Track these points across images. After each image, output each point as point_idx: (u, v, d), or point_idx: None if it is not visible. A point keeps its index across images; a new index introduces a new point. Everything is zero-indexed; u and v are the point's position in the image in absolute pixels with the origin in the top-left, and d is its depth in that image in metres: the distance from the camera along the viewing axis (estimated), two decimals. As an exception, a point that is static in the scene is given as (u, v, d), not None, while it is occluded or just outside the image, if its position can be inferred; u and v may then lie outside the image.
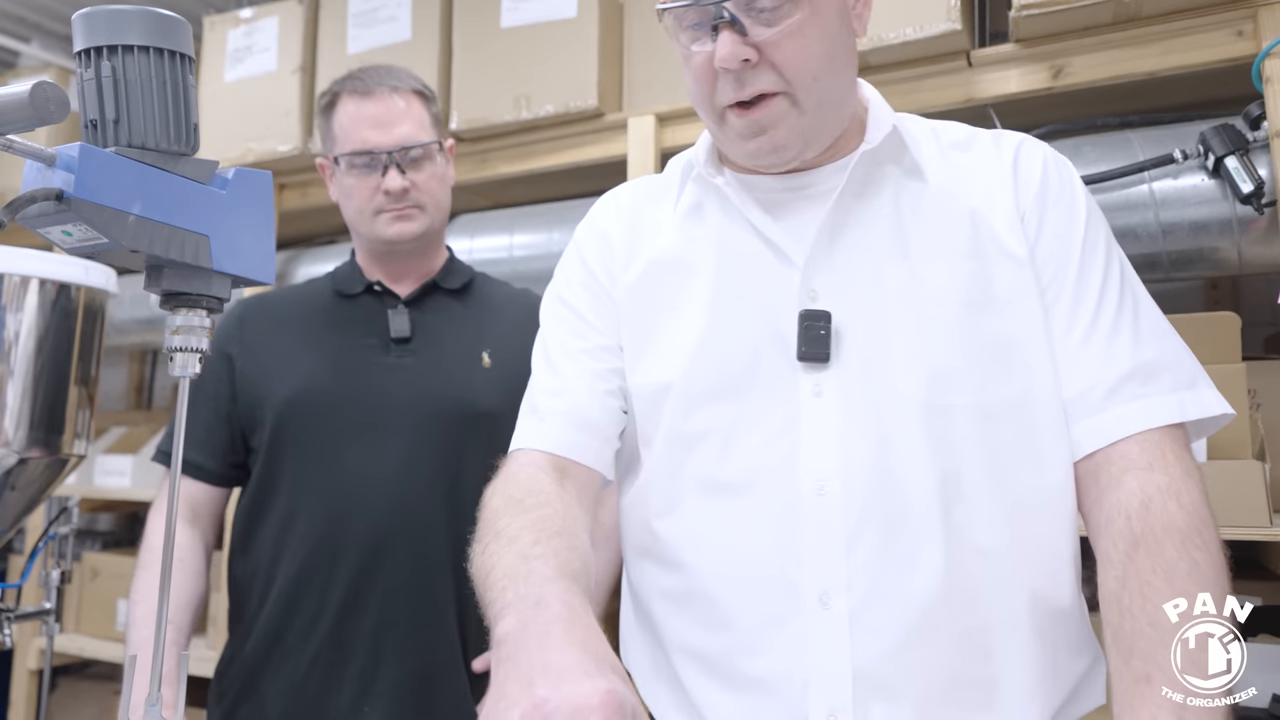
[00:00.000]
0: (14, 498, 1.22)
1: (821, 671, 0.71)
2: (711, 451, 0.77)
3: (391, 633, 1.11)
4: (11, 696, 2.39)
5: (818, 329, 0.74)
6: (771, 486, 0.75)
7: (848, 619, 0.71)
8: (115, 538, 2.80)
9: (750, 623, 0.74)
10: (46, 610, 1.22)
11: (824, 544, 0.72)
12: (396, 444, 1.15)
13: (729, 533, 0.76)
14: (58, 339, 1.24)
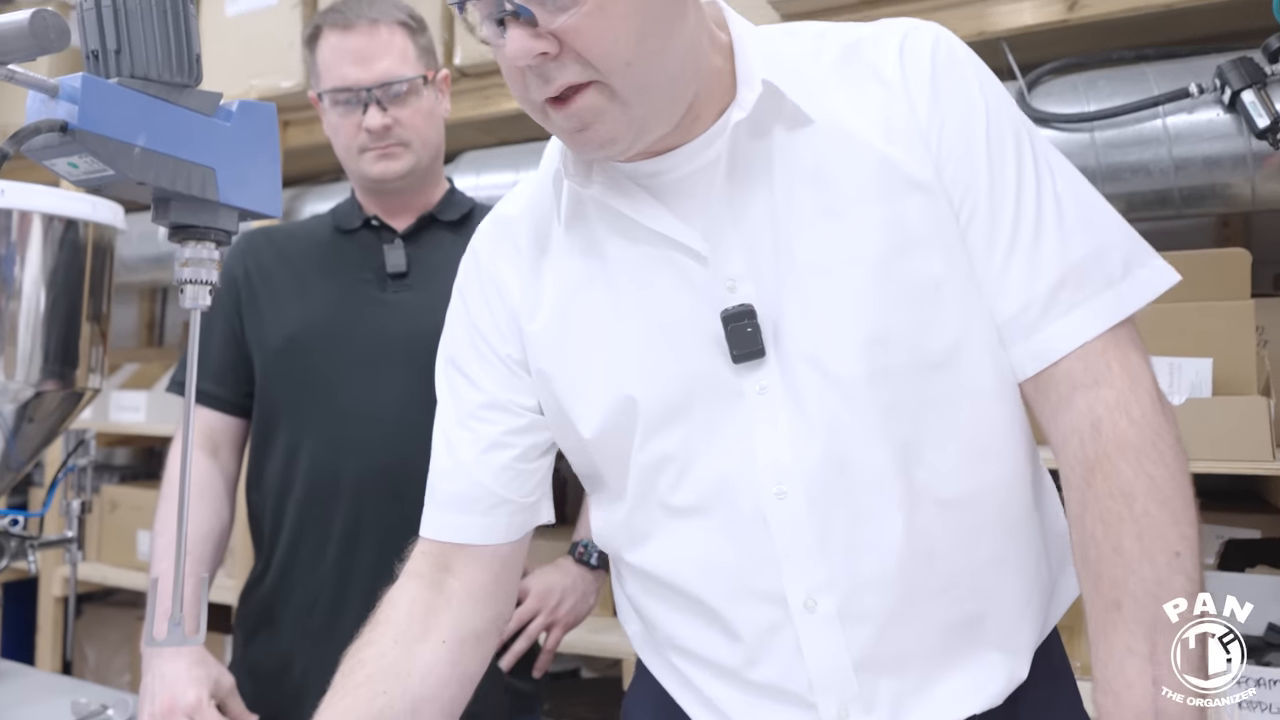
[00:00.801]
0: (32, 430, 1.25)
1: (823, 671, 0.71)
2: (670, 478, 0.74)
3: (393, 564, 1.14)
4: (39, 622, 2.47)
5: (744, 327, 0.69)
6: (733, 500, 0.72)
7: (837, 616, 0.70)
8: (132, 471, 2.86)
9: (747, 634, 0.73)
10: (69, 539, 1.25)
11: (796, 548, 0.70)
12: (393, 379, 1.16)
13: (703, 554, 0.74)
14: (68, 275, 1.25)
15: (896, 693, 0.71)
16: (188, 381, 0.77)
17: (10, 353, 1.20)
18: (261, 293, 1.20)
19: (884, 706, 0.71)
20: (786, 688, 0.72)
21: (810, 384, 0.70)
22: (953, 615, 0.71)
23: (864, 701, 0.71)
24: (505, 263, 0.81)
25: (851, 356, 0.69)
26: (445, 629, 0.77)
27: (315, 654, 1.12)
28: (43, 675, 1.28)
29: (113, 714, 1.06)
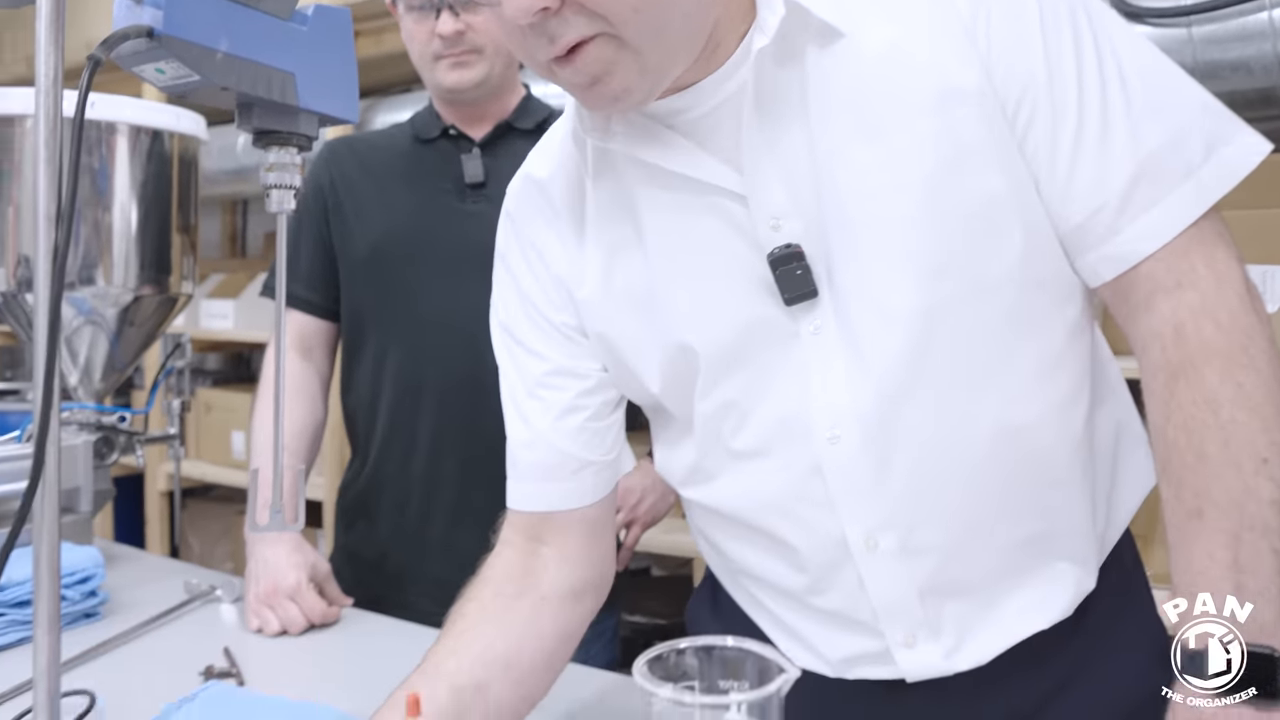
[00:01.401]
0: (132, 333, 1.33)
1: (887, 603, 0.71)
2: (733, 423, 0.73)
3: (478, 466, 1.19)
4: (147, 515, 2.66)
5: (793, 270, 0.66)
6: (789, 445, 0.71)
7: (898, 551, 0.69)
8: (224, 375, 3.00)
9: (810, 566, 0.73)
10: (172, 435, 1.34)
11: (852, 492, 0.69)
12: (472, 289, 1.18)
13: (765, 494, 0.73)
14: (157, 185, 1.30)
15: (963, 615, 0.71)
16: (278, 285, 0.81)
17: (108, 260, 1.26)
18: (346, 201, 1.23)
19: (950, 630, 0.71)
20: (852, 616, 0.72)
21: (866, 321, 0.67)
22: (1017, 537, 0.70)
23: (930, 627, 0.71)
24: (544, 227, 0.78)
25: (907, 289, 0.65)
26: (544, 587, 0.78)
27: (409, 546, 1.19)
28: (155, 558, 1.39)
29: (220, 593, 1.14)
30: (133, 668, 0.95)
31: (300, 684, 0.86)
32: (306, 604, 1.05)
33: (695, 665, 0.56)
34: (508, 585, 0.77)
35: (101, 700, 0.84)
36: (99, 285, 1.25)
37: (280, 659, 0.98)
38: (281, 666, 0.96)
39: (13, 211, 1.25)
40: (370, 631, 1.06)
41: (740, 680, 0.55)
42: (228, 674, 0.90)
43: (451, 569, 1.16)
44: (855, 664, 0.74)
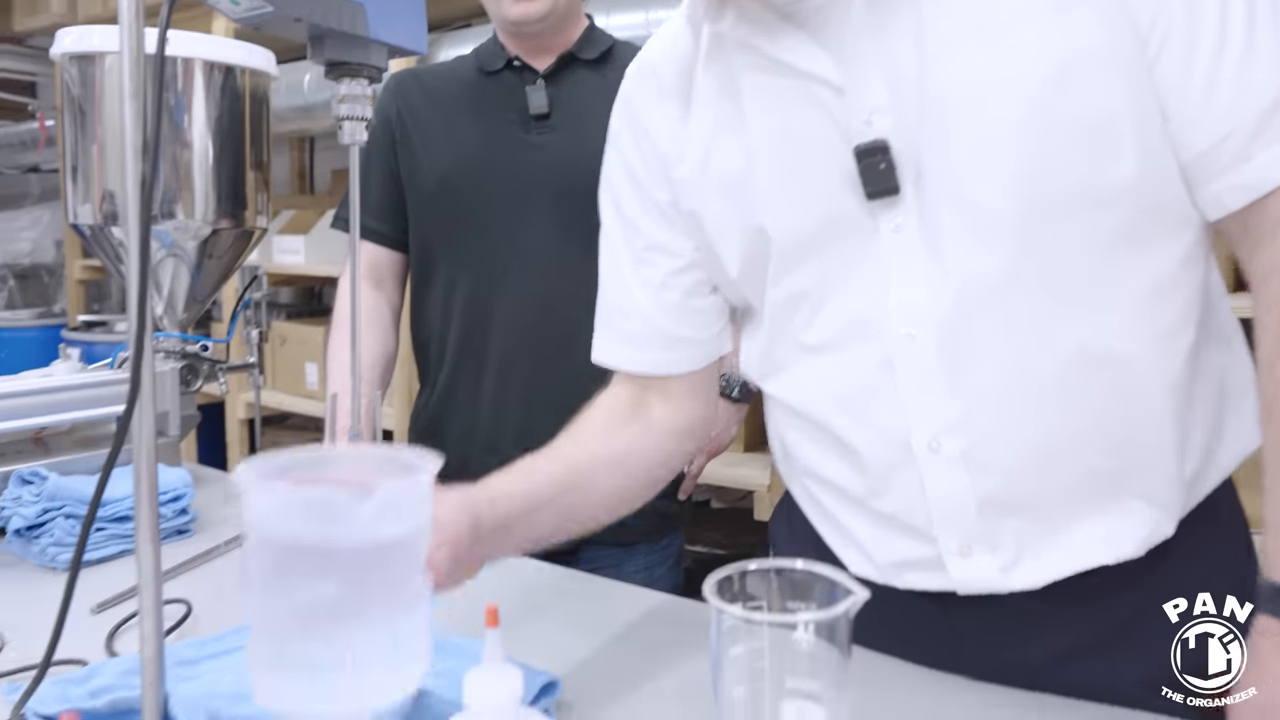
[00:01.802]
0: (212, 265, 1.37)
1: (944, 509, 0.71)
2: (804, 315, 0.74)
3: (544, 393, 1.21)
4: (227, 441, 2.78)
5: (877, 164, 0.66)
6: (862, 340, 0.71)
7: (962, 458, 0.69)
8: (296, 309, 3.09)
9: (872, 467, 0.73)
10: (251, 363, 1.39)
11: (922, 392, 0.69)
12: (539, 219, 1.20)
13: (833, 389, 0.74)
14: (231, 121, 1.33)
15: (1023, 534, 0.70)
16: (351, 216, 0.83)
17: (188, 195, 1.30)
18: (413, 132, 1.24)
19: (1009, 547, 0.70)
20: (908, 521, 0.73)
21: (951, 223, 0.66)
22: (1090, 467, 0.68)
23: (987, 541, 0.70)
24: (653, 108, 0.81)
25: (1001, 195, 0.64)
26: (651, 419, 0.83)
27: (477, 471, 1.22)
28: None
29: (300, 514, 1.20)
30: (222, 582, 1.00)
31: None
32: None
33: (764, 587, 0.57)
34: (618, 411, 0.84)
35: (196, 608, 0.90)
36: (179, 219, 1.29)
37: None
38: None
39: (97, 149, 1.29)
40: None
41: (808, 602, 0.56)
42: (311, 588, 0.94)
43: None
44: (905, 570, 0.75)
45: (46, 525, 1.02)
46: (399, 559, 0.53)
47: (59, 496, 1.03)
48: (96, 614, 0.89)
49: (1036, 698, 0.72)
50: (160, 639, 0.62)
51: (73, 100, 1.29)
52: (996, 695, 0.73)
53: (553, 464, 0.79)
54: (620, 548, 1.25)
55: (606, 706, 0.73)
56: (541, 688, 0.70)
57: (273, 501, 0.53)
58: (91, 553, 1.01)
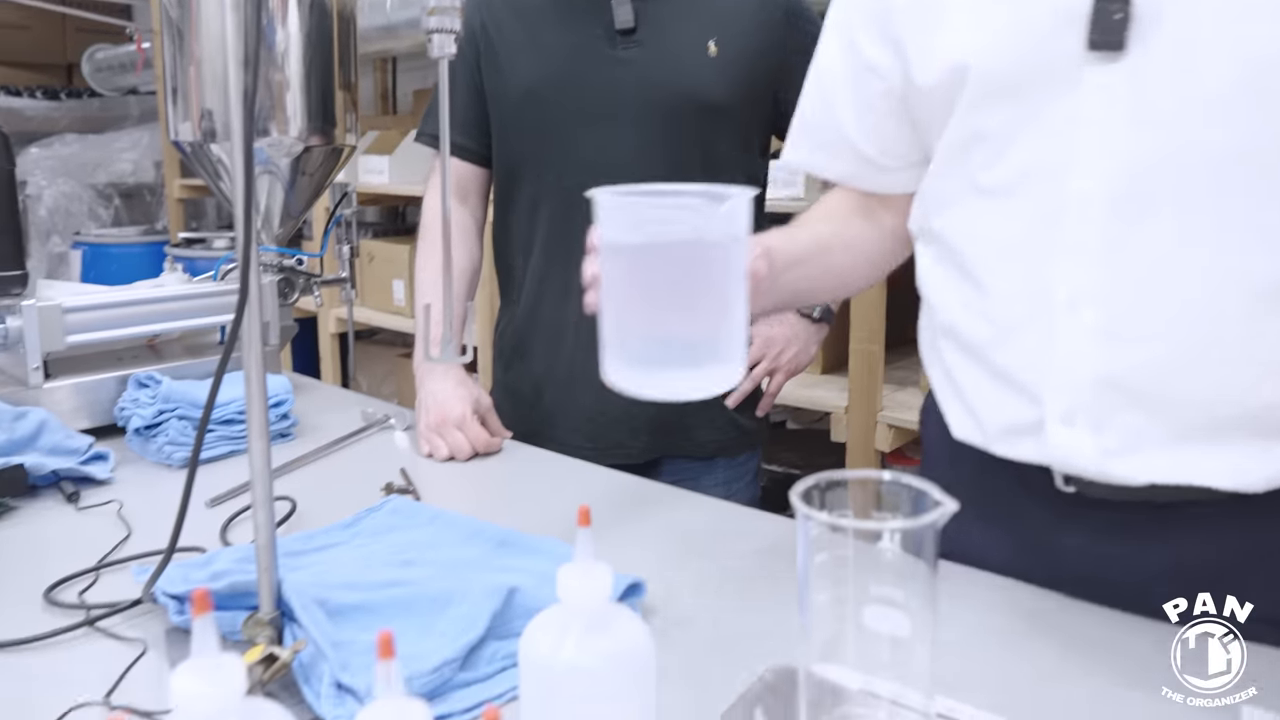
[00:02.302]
0: (304, 182, 1.40)
1: (1060, 373, 0.69)
2: (986, 155, 0.73)
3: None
4: (320, 354, 2.90)
5: (1111, 12, 0.64)
6: (1038, 188, 0.70)
7: (1096, 326, 0.67)
8: (381, 227, 3.16)
9: (1003, 315, 0.73)
10: (344, 278, 1.43)
11: (1081, 250, 0.67)
12: (625, 135, 1.18)
13: (991, 233, 0.74)
14: (320, 40, 1.34)
15: (1135, 428, 0.67)
16: (441, 131, 0.83)
17: (281, 113, 1.33)
18: (499, 45, 1.23)
19: (1115, 432, 0.68)
20: (1021, 378, 0.72)
21: (1166, 92, 0.63)
22: (1236, 394, 0.65)
23: (1095, 417, 0.68)
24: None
25: (1224, 74, 0.61)
26: (875, 218, 0.88)
27: (562, 385, 1.24)
28: (334, 389, 1.53)
29: (394, 422, 1.25)
30: (322, 482, 1.06)
31: (468, 504, 0.94)
32: (472, 433, 1.12)
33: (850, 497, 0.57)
34: (847, 205, 0.90)
35: (299, 506, 0.95)
36: (273, 136, 1.32)
37: (449, 481, 1.07)
38: (451, 487, 1.05)
39: (194, 68, 1.32)
40: (528, 460, 1.14)
41: (896, 513, 0.56)
42: (405, 490, 0.99)
43: (602, 406, 1.23)
44: (1008, 436, 0.74)
45: (162, 425, 1.09)
46: (735, 256, 0.63)
47: (172, 399, 1.10)
48: (210, 508, 0.95)
49: (1132, 620, 0.71)
50: (272, 528, 0.66)
51: (170, 21, 1.32)
52: (1096, 616, 0.73)
53: (802, 232, 0.87)
54: (699, 461, 1.27)
55: (688, 611, 0.75)
56: (627, 588, 0.73)
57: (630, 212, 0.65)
58: (203, 452, 1.07)
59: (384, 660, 0.38)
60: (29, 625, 0.71)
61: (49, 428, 1.02)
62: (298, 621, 0.66)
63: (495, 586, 0.70)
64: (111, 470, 1.03)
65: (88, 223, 3.64)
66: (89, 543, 0.86)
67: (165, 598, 0.70)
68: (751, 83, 1.21)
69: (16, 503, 0.95)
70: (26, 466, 0.96)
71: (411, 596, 0.71)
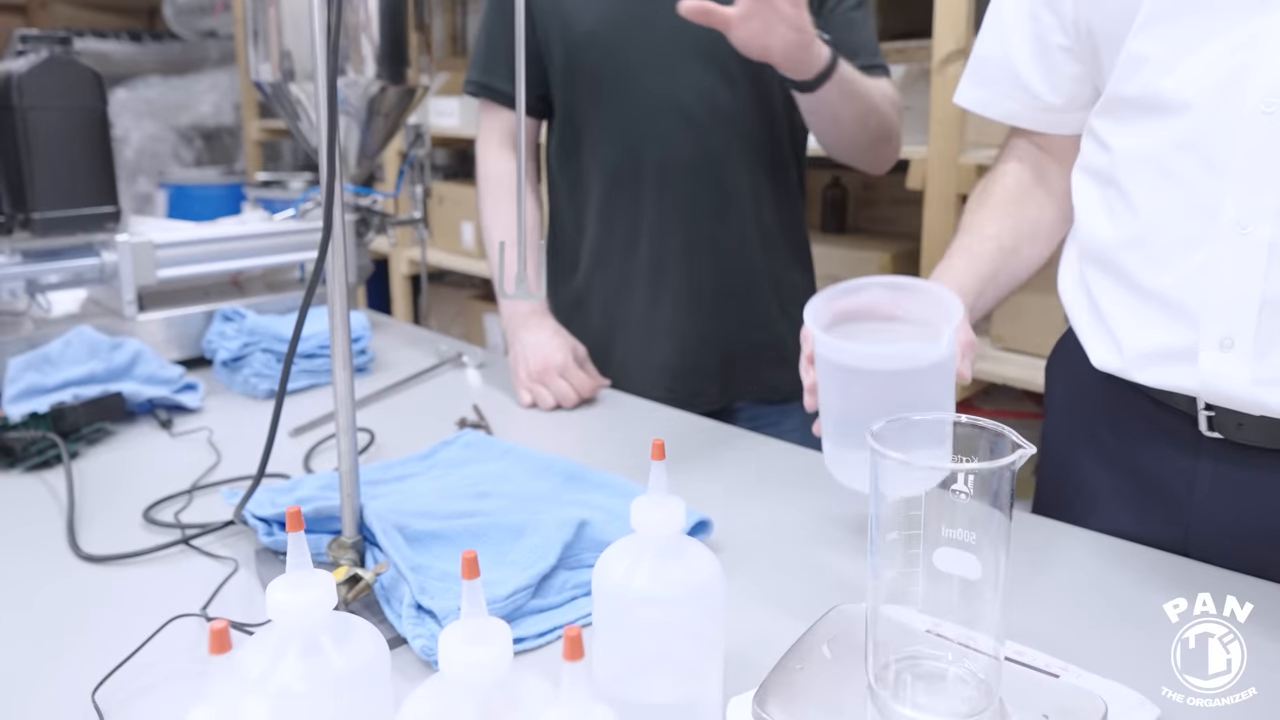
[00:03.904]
0: (379, 122, 1.42)
1: (1224, 295, 0.67)
2: (1155, 69, 0.71)
3: (701, 251, 1.20)
4: (392, 295, 2.96)
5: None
6: (1211, 103, 0.68)
7: (1267, 246, 0.65)
8: (452, 170, 3.18)
9: (1162, 237, 0.72)
10: (417, 219, 1.45)
11: (1255, 165, 0.66)
12: (691, 72, 1.16)
13: (1160, 148, 0.72)
14: (394, -22, 1.34)
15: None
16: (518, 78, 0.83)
17: (357, 53, 1.34)
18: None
19: (1275, 360, 0.66)
20: (1178, 300, 0.70)
21: None
22: None
23: (1254, 342, 0.66)
24: None
25: None
26: (1049, 184, 0.88)
27: (634, 335, 1.24)
28: (408, 327, 1.56)
29: (466, 359, 1.27)
30: (399, 415, 1.09)
31: (539, 440, 0.96)
32: (576, 380, 1.12)
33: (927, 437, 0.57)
34: (1022, 179, 0.90)
35: (378, 437, 0.99)
36: (349, 75, 1.33)
37: (520, 418, 1.09)
38: (522, 424, 1.07)
39: (274, 9, 1.34)
40: (601, 401, 1.15)
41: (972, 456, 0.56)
42: (478, 425, 1.01)
43: (678, 355, 1.23)
44: (1153, 361, 0.73)
45: (246, 358, 1.13)
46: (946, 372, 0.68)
47: (256, 332, 1.14)
48: (294, 437, 0.99)
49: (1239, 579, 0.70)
50: (355, 456, 0.69)
51: (251, -41, 1.34)
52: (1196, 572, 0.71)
53: (985, 245, 0.86)
54: (775, 406, 1.27)
55: (759, 549, 0.76)
56: (695, 524, 0.74)
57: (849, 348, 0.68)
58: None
59: (469, 580, 0.40)
60: (130, 542, 0.75)
61: (143, 358, 1.06)
62: (379, 546, 0.69)
63: (566, 519, 0.71)
64: (202, 399, 1.08)
65: (171, 163, 3.74)
66: (183, 467, 0.90)
67: (255, 520, 0.73)
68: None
69: (115, 428, 1.00)
70: (124, 394, 1.00)
71: (485, 526, 0.73)
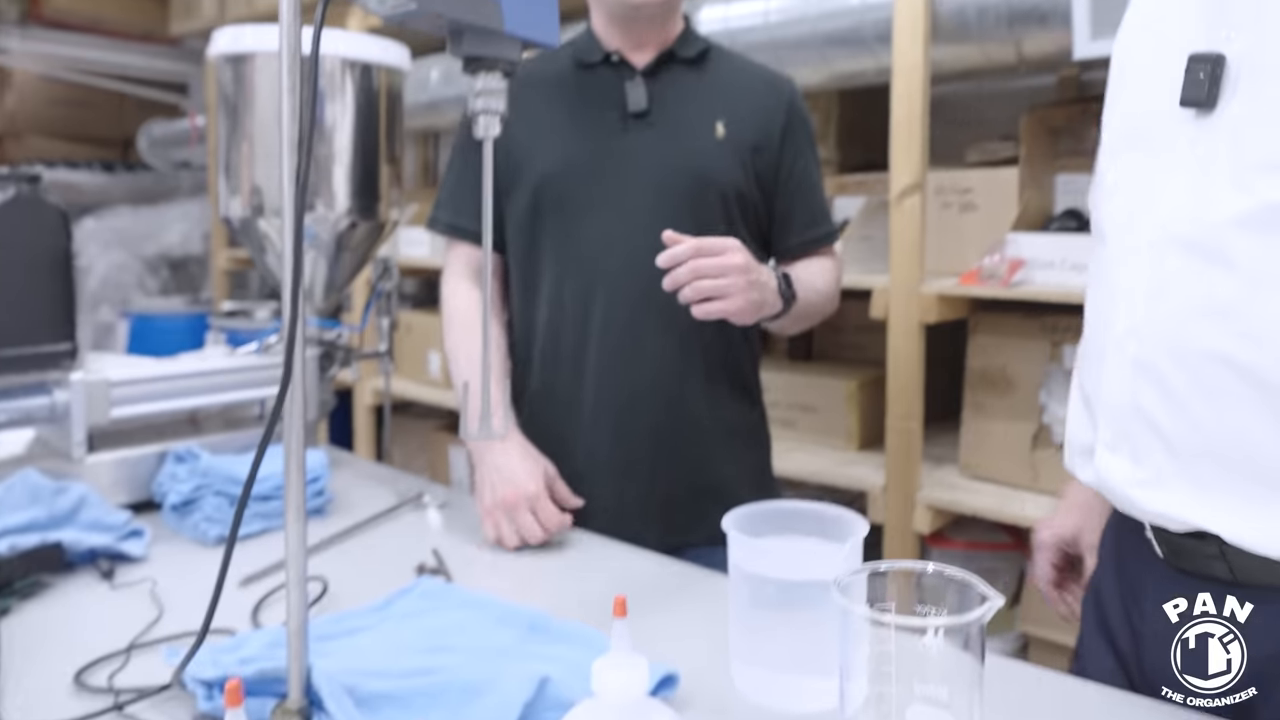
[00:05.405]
0: (347, 257, 1.43)
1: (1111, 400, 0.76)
2: (1103, 194, 0.80)
3: (642, 396, 1.19)
4: (355, 427, 2.91)
5: (1197, 72, 0.68)
6: (1119, 235, 0.76)
7: (1134, 364, 0.72)
8: (420, 299, 3.20)
9: (1090, 344, 0.80)
10: (382, 352, 1.45)
11: (1135, 291, 0.72)
12: (639, 213, 1.18)
13: (1096, 268, 0.81)
14: (368, 117, 1.38)
15: (1169, 468, 0.69)
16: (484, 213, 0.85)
17: (327, 188, 1.36)
18: (515, 129, 1.23)
19: (1149, 465, 0.71)
20: (1090, 399, 0.79)
21: (1243, 152, 0.66)
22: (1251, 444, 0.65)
23: (1134, 447, 0.72)
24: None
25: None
26: None
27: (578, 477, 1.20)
28: (368, 464, 1.52)
29: (427, 499, 1.24)
30: (355, 561, 1.05)
31: (499, 585, 0.92)
32: (545, 514, 1.08)
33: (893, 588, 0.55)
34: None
35: (332, 585, 0.94)
36: (319, 211, 1.35)
37: (481, 562, 1.05)
38: (482, 568, 1.03)
39: (247, 145, 1.37)
40: (559, 539, 1.11)
41: (939, 607, 0.54)
42: (437, 571, 0.98)
43: (616, 496, 1.20)
44: (1076, 454, 0.81)
45: (197, 501, 1.09)
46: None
47: (210, 474, 1.10)
48: (243, 586, 0.95)
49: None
50: (304, 613, 0.65)
51: (226, 98, 1.37)
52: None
53: None
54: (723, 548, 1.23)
55: (725, 700, 0.72)
56: (661, 679, 0.71)
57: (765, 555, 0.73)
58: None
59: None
60: (57, 709, 0.70)
61: (88, 503, 1.02)
62: (326, 711, 0.64)
63: (527, 675, 0.68)
64: (147, 547, 1.03)
65: (136, 293, 3.74)
66: (123, 621, 0.85)
67: (194, 683, 0.69)
68: (756, 167, 1.22)
69: (53, 579, 0.95)
70: (64, 544, 0.96)
71: (442, 685, 0.69)
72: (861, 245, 1.89)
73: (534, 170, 1.22)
